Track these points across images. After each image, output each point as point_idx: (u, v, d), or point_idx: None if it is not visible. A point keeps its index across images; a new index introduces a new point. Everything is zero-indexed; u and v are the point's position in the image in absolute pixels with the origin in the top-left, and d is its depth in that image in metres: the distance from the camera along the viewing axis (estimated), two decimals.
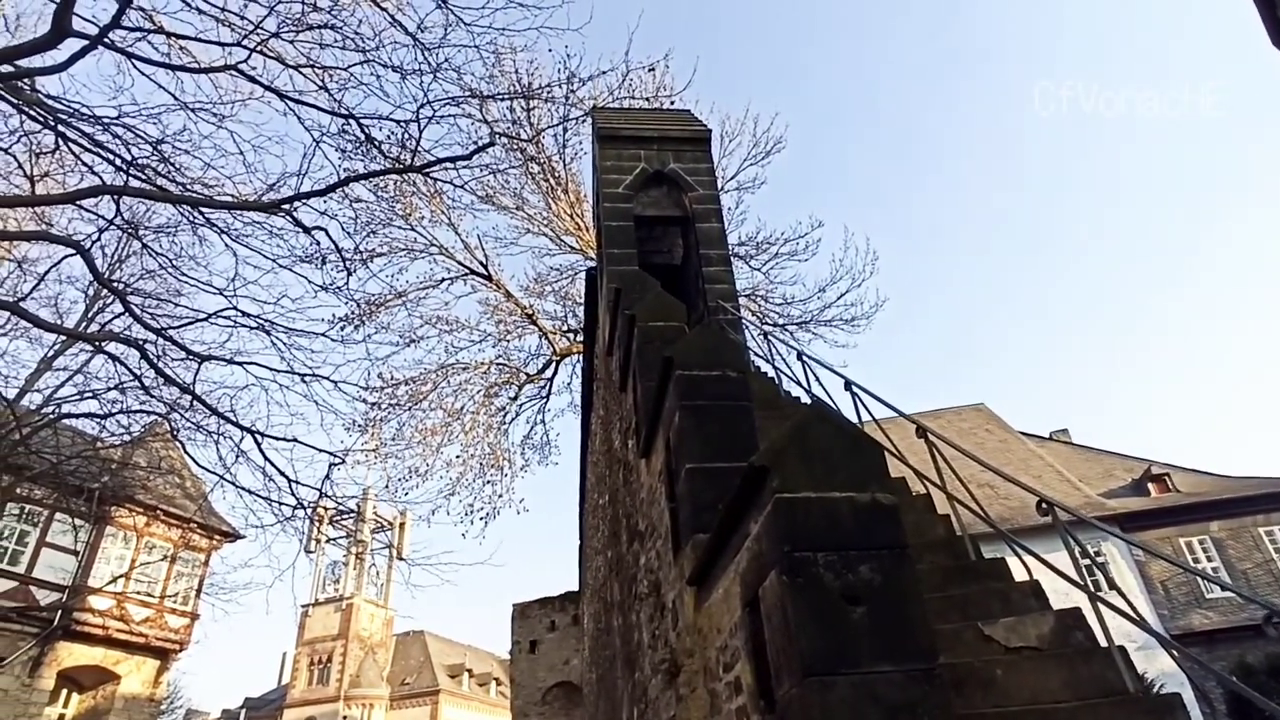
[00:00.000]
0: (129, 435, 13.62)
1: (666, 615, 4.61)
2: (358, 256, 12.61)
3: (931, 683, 2.33)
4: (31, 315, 9.05)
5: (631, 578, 6.65)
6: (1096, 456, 26.90)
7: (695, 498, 3.88)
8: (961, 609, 3.93)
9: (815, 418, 2.82)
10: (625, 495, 7.10)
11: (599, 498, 11.35)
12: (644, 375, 5.49)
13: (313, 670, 51.35)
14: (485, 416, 19.72)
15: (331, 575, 53.79)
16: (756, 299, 20.07)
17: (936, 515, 5.33)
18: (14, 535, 20.08)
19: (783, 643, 2.46)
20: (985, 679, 3.36)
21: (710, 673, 3.50)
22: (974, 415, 28.19)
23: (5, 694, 19.30)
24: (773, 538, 2.56)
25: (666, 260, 10.72)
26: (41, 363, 14.78)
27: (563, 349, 19.85)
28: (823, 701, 2.22)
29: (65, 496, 16.54)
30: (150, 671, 23.17)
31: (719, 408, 4.19)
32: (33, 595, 19.87)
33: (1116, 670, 3.48)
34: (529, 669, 27.08)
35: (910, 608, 2.43)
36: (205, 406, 9.55)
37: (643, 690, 6.09)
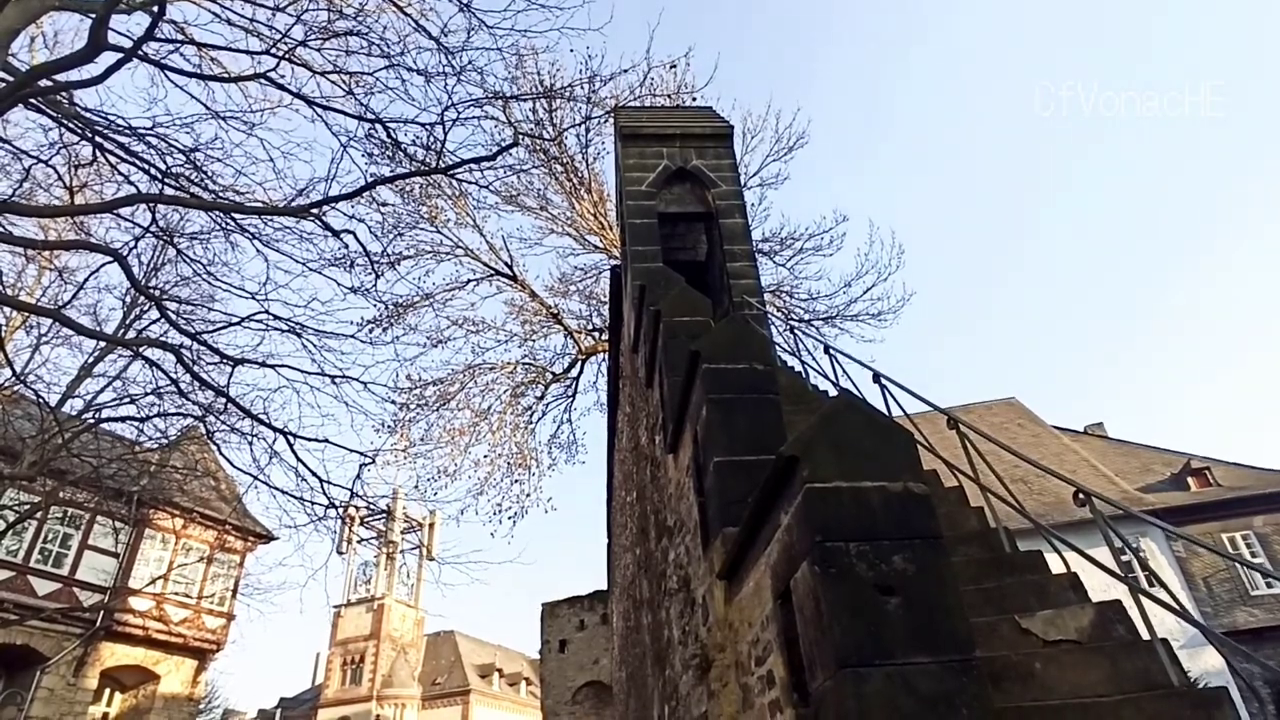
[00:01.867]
0: (166, 439, 13.92)
1: (696, 610, 4.59)
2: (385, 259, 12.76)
3: (969, 674, 2.29)
4: (73, 322, 9.26)
5: (660, 574, 6.64)
6: (1134, 451, 26.31)
7: (724, 491, 3.85)
8: (997, 602, 3.86)
9: (845, 407, 2.79)
10: (653, 491, 7.09)
11: (626, 495, 11.35)
12: (670, 370, 5.48)
13: (345, 670, 52.02)
14: (512, 416, 19.84)
15: (363, 576, 54.45)
16: (781, 294, 19.97)
17: (969, 508, 5.25)
18: (57, 538, 20.60)
19: (815, 635, 2.43)
20: (1024, 672, 3.29)
21: (742, 667, 3.47)
22: (1005, 410, 27.73)
23: (52, 693, 19.79)
24: (804, 528, 2.53)
25: (690, 257, 10.69)
26: (82, 369, 15.12)
27: (588, 348, 19.89)
28: (857, 693, 2.19)
29: (105, 500, 16.94)
30: (189, 671, 23.64)
31: (746, 401, 4.16)
32: (76, 596, 20.37)
33: (1160, 664, 3.39)
34: (559, 668, 27.18)
35: (946, 598, 2.39)
36: (239, 409, 9.71)
37: (673, 687, 6.07)
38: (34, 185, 10.44)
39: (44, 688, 19.68)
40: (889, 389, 5.94)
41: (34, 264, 14.92)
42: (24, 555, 19.63)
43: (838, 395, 3.09)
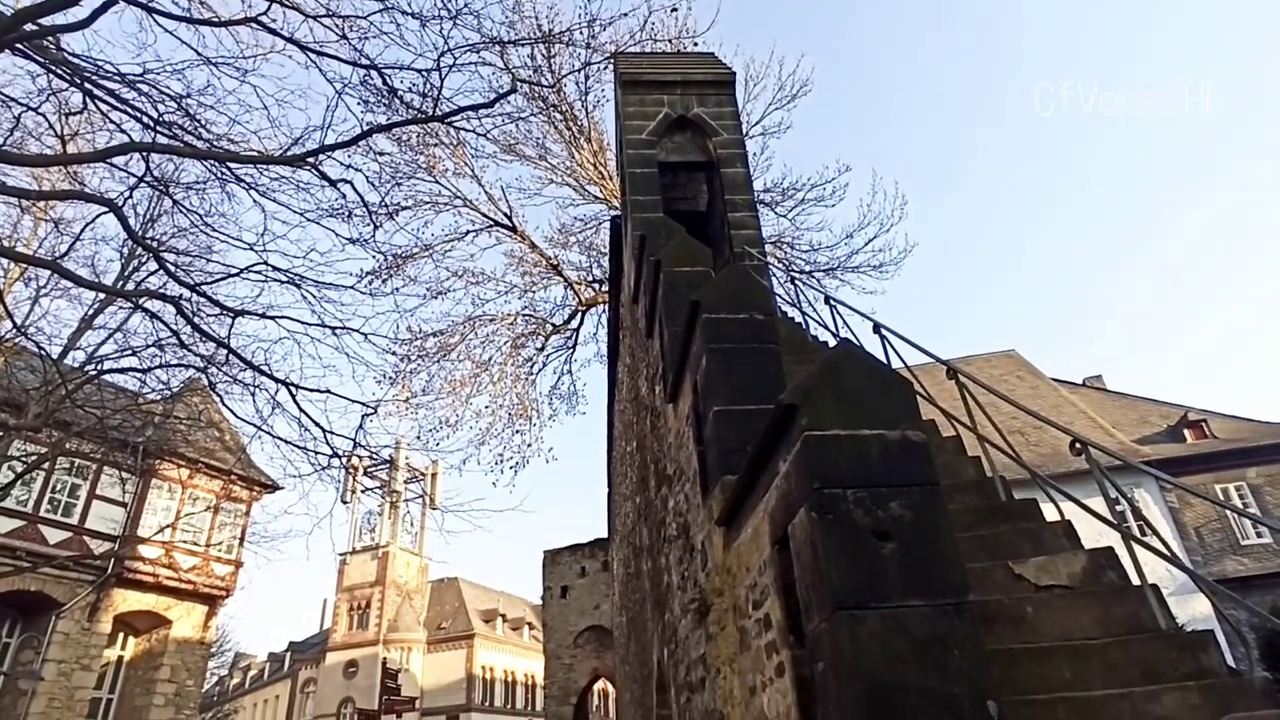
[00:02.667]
0: (169, 390, 13.97)
1: (695, 556, 4.67)
2: (383, 209, 12.63)
3: (962, 617, 2.33)
4: (71, 273, 9.22)
5: (660, 522, 6.74)
6: (1131, 403, 26.45)
7: (723, 440, 3.89)
8: (991, 549, 3.93)
9: (845, 356, 2.79)
10: (653, 441, 7.15)
11: (626, 445, 11.45)
12: (670, 320, 5.47)
13: (352, 615, 53.29)
14: (513, 367, 19.90)
15: (367, 524, 55.38)
16: (782, 246, 19.83)
17: (967, 458, 5.30)
18: (66, 488, 20.89)
19: (812, 578, 2.48)
20: (1015, 616, 3.37)
21: (739, 610, 3.55)
22: (1005, 362, 27.79)
23: (67, 638, 20.31)
24: (802, 475, 2.56)
25: (691, 207, 10.58)
26: (82, 321, 15.11)
27: (588, 299, 19.84)
28: (852, 634, 2.24)
29: (111, 451, 17.10)
30: (199, 616, 24.22)
31: (746, 350, 4.17)
32: (86, 545, 20.74)
33: (1149, 608, 3.47)
34: (560, 614, 27.82)
35: (941, 543, 2.43)
36: (240, 360, 9.73)
37: (673, 630, 6.22)
38: (25, 134, 10.27)
39: (59, 632, 20.20)
40: (889, 340, 5.95)
41: (29, 215, 14.78)
42: (33, 505, 19.94)
43: (838, 344, 3.09)
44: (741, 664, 3.54)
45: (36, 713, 19.25)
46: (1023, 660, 3.07)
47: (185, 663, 23.64)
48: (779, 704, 2.91)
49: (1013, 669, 2.97)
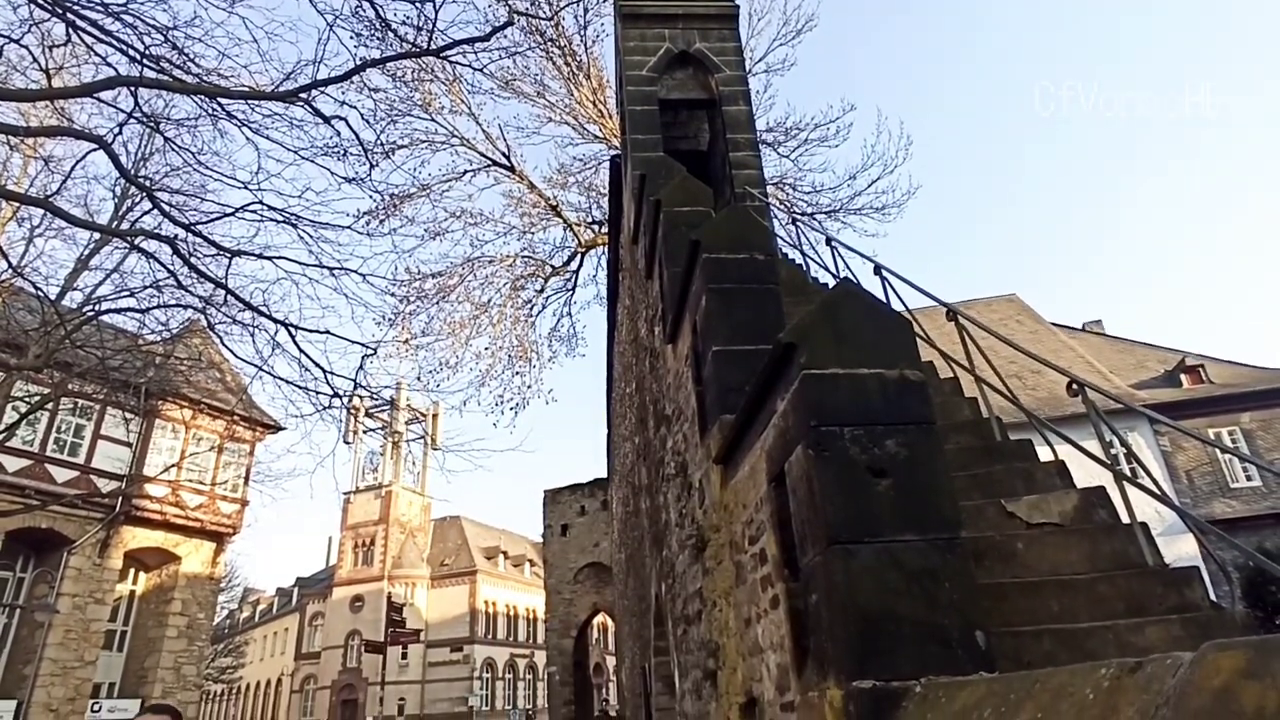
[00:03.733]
0: (168, 331, 13.97)
1: (693, 494, 4.75)
2: (379, 148, 12.37)
3: (953, 551, 2.38)
4: (63, 212, 9.11)
5: (659, 461, 6.83)
6: (1130, 348, 26.50)
7: (722, 380, 3.90)
8: (985, 487, 3.99)
9: (845, 295, 2.78)
10: (652, 382, 7.18)
11: (626, 386, 11.52)
12: (670, 261, 5.43)
13: (357, 552, 54.49)
14: (512, 309, 19.85)
15: (370, 464, 56.15)
16: (784, 187, 19.56)
17: (964, 399, 5.34)
18: (71, 429, 21.10)
19: (808, 514, 2.52)
20: (1006, 552, 3.44)
21: (736, 546, 3.62)
22: (1005, 306, 27.73)
23: (80, 573, 20.81)
24: (800, 413, 2.57)
25: (692, 146, 10.39)
26: (78, 262, 15.01)
27: (587, 241, 19.66)
28: (846, 567, 2.29)
29: (114, 391, 17.20)
30: (208, 553, 24.76)
31: (746, 291, 4.15)
32: (93, 483, 21.05)
33: (1137, 545, 3.54)
34: (561, 551, 28.47)
35: (935, 480, 2.46)
36: (239, 300, 9.70)
37: (670, 566, 6.37)
38: (9, 69, 10.02)
39: (72, 568, 20.68)
40: (890, 281, 5.92)
41: (18, 153, 14.52)
42: (39, 444, 20.17)
43: (838, 284, 3.08)
44: (737, 597, 3.63)
45: (54, 644, 19.86)
46: (1012, 594, 3.15)
47: (196, 597, 24.27)
48: (773, 634, 3.00)
49: (1002, 602, 3.05)
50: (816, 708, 2.43)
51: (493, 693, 54.93)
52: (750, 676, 3.44)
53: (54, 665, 19.88)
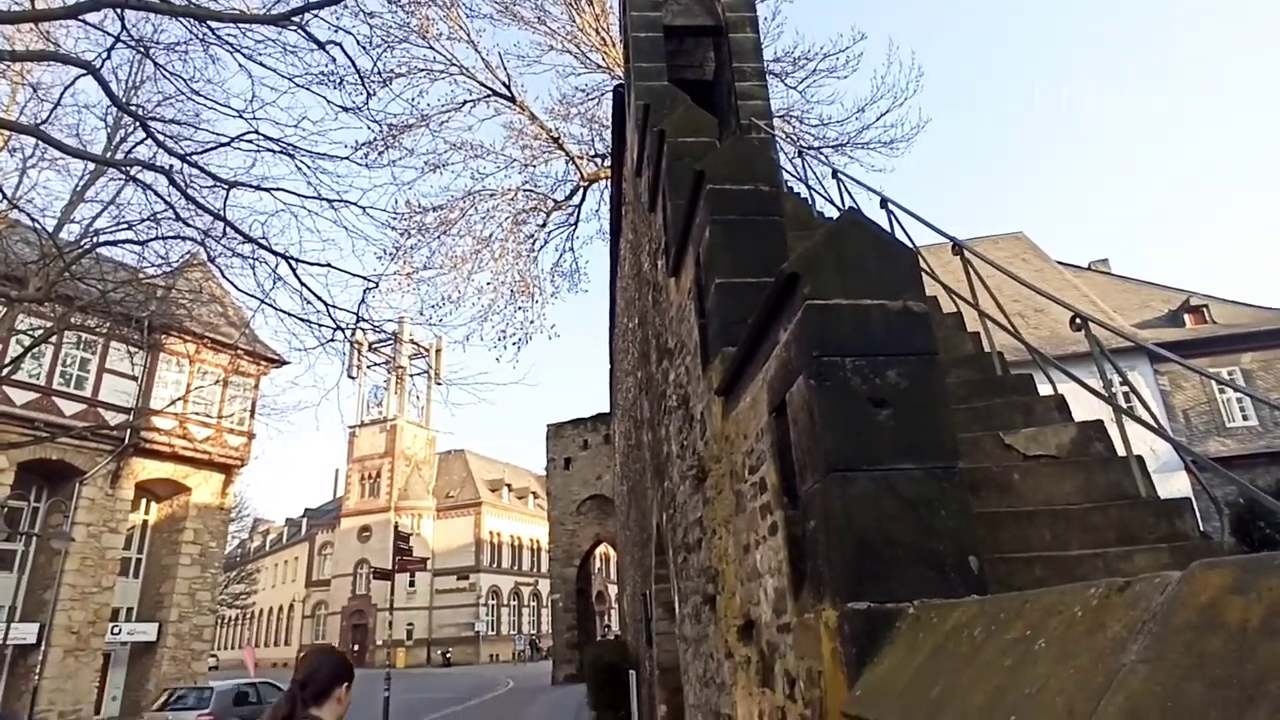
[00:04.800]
0: (168, 265, 13.91)
1: (694, 426, 4.80)
2: (376, 77, 12.07)
3: (950, 480, 2.42)
4: (54, 140, 8.95)
5: (661, 394, 6.88)
6: (1134, 288, 26.34)
7: (724, 312, 3.90)
8: (984, 420, 4.02)
9: (850, 225, 2.75)
10: (654, 316, 7.18)
11: (628, 321, 11.52)
12: (674, 193, 5.36)
13: (364, 484, 55.57)
14: (514, 244, 19.70)
15: (374, 399, 56.77)
16: (791, 120, 19.11)
17: (966, 333, 5.34)
18: (76, 362, 21.23)
19: (807, 443, 2.55)
20: (1002, 482, 3.50)
21: (736, 475, 3.68)
22: (1011, 244, 27.43)
23: (93, 503, 21.28)
24: (802, 344, 2.58)
25: (698, 76, 10.12)
26: (74, 194, 14.83)
27: (590, 175, 19.35)
28: (844, 494, 2.33)
29: (116, 325, 17.23)
30: (217, 484, 25.23)
31: (750, 222, 4.10)
32: (101, 416, 21.31)
33: (1132, 478, 3.59)
34: (564, 483, 29.00)
35: (935, 411, 2.48)
36: (238, 233, 9.63)
37: (671, 497, 6.49)
38: None
39: (85, 498, 21.13)
40: (896, 215, 5.85)
41: (5, 79, 14.17)
42: (46, 378, 20.32)
43: (844, 214, 3.04)
44: (737, 524, 3.71)
45: (71, 570, 20.43)
46: (1006, 522, 3.22)
47: (207, 526, 24.86)
48: (771, 560, 3.08)
49: (996, 530, 3.12)
50: (812, 628, 2.51)
51: (498, 618, 56.80)
52: (748, 600, 3.54)
53: (73, 590, 20.51)
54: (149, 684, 22.63)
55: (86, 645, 20.68)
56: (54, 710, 19.67)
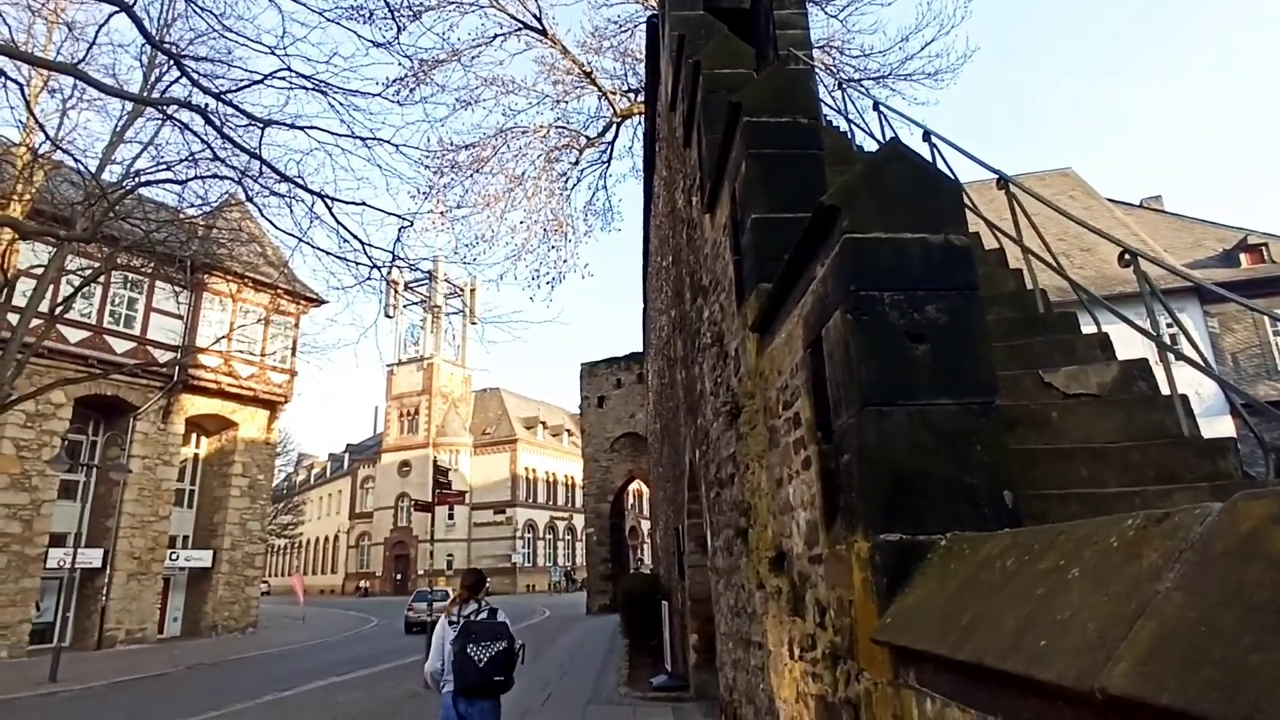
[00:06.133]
0: (208, 205, 14.11)
1: (729, 363, 4.81)
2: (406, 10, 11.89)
3: (987, 415, 2.39)
4: (93, 79, 9.02)
5: (695, 332, 6.88)
6: (1188, 226, 25.31)
7: (760, 249, 3.85)
8: (1024, 358, 3.96)
9: (892, 156, 2.67)
10: (689, 254, 7.12)
11: (662, 260, 11.44)
12: (709, 126, 5.24)
13: (403, 421, 56.98)
14: (547, 182, 19.52)
15: (411, 338, 57.72)
16: (831, 50, 18.41)
17: (1008, 270, 5.22)
18: (124, 302, 21.85)
19: (843, 377, 2.54)
20: (1040, 420, 3.46)
21: (770, 411, 3.70)
22: (1059, 180, 26.43)
23: (146, 437, 22.21)
24: (839, 278, 2.54)
25: (734, 4, 9.75)
26: (114, 135, 15.01)
27: (623, 110, 18.96)
28: (879, 428, 2.33)
29: (161, 264, 17.63)
30: (262, 420, 26.10)
31: (788, 156, 4.01)
32: (150, 354, 22.02)
33: (1174, 417, 3.52)
34: (598, 421, 29.41)
35: (973, 346, 2.44)
36: (274, 172, 9.68)
37: (704, 434, 6.55)
38: None
39: (139, 432, 22.04)
40: (939, 149, 5.66)
41: (40, 19, 14.22)
42: (96, 316, 20.99)
43: (885, 144, 2.95)
44: (770, 459, 3.74)
45: (130, 500, 21.48)
46: (1042, 460, 3.19)
47: (255, 460, 25.83)
48: (804, 493, 3.11)
49: (1032, 467, 3.10)
50: (844, 559, 2.55)
51: (534, 551, 58.53)
52: (780, 533, 3.60)
53: (132, 519, 21.60)
54: (206, 606, 23.97)
55: (147, 570, 21.88)
56: (121, 628, 20.98)
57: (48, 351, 18.12)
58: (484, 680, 4.61)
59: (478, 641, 4.64)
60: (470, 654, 4.61)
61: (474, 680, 4.59)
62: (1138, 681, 1.04)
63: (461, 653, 4.63)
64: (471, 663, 4.59)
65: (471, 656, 4.61)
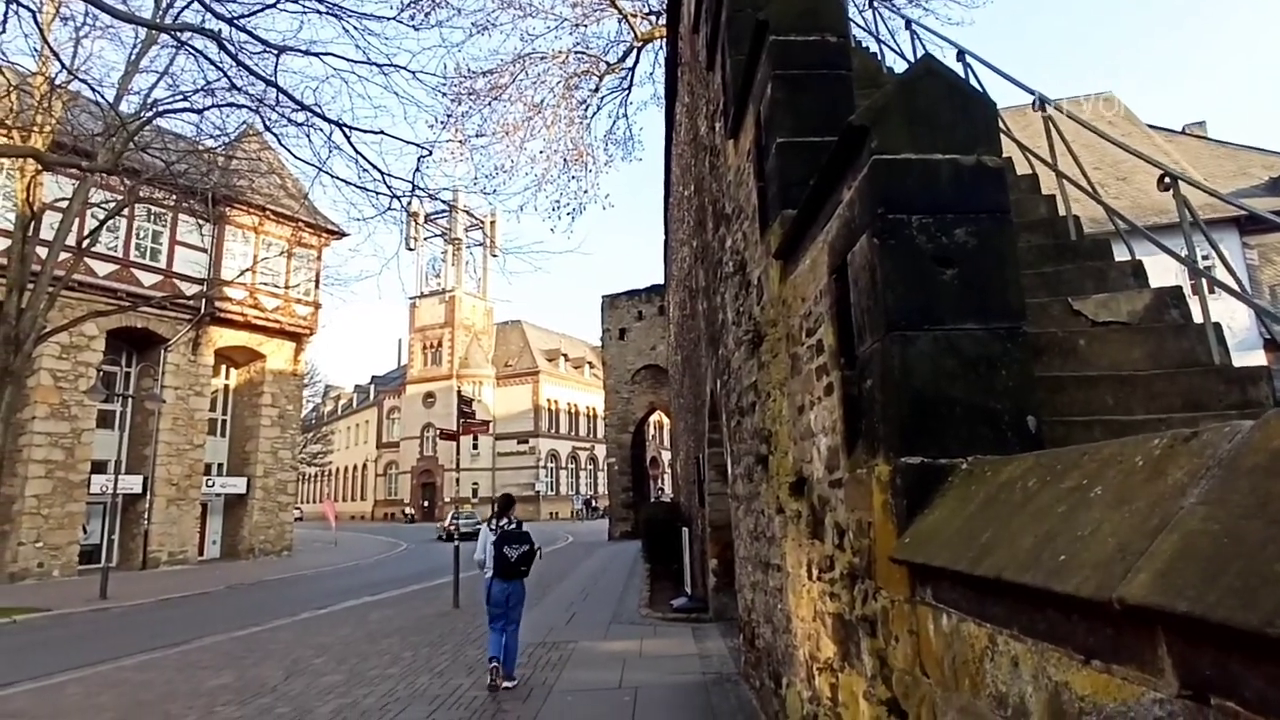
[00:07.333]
0: (226, 136, 14.05)
1: (751, 291, 4.78)
2: None
3: (1014, 341, 2.37)
4: (104, 3, 8.89)
5: (717, 262, 6.82)
6: (1232, 153, 24.28)
7: (785, 174, 3.77)
8: (1053, 286, 3.89)
9: (925, 73, 2.57)
10: (711, 182, 6.99)
11: (684, 190, 11.26)
12: (734, 47, 5.07)
13: (426, 354, 57.68)
14: (566, 110, 19.13)
15: (433, 270, 57.87)
16: None
17: (1040, 196, 5.07)
18: (149, 235, 22.03)
19: (868, 303, 2.52)
20: (1067, 348, 3.42)
21: (793, 339, 3.69)
22: (1099, 105, 25.29)
23: (177, 368, 22.73)
24: (867, 201, 2.49)
25: None
26: (129, 64, 14.85)
27: (644, 34, 18.36)
28: (903, 353, 2.31)
29: (183, 196, 17.68)
30: (289, 352, 26.54)
31: (815, 77, 3.88)
32: (177, 286, 22.32)
33: (1206, 345, 3.46)
34: (619, 353, 29.56)
35: (1003, 270, 2.40)
36: (290, 99, 9.59)
37: (725, 364, 6.56)
38: None
39: (170, 364, 22.55)
40: (973, 69, 5.45)
41: None
42: (123, 250, 21.21)
43: (918, 61, 2.83)
44: (791, 387, 3.75)
45: (165, 429, 22.13)
46: (1068, 387, 3.17)
47: (283, 390, 26.40)
48: (825, 419, 3.13)
49: (1057, 394, 3.08)
50: (864, 483, 2.58)
51: (557, 480, 59.81)
52: (801, 459, 3.64)
53: (168, 448, 22.30)
54: (243, 530, 24.94)
55: (185, 496, 22.71)
56: (164, 550, 21.95)
57: (78, 284, 18.43)
58: (513, 569, 6.83)
59: (509, 544, 6.79)
60: (505, 552, 6.74)
61: (507, 569, 6.79)
62: (1157, 591, 1.06)
63: (499, 552, 6.74)
64: (505, 558, 6.74)
65: (506, 554, 6.74)
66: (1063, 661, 1.37)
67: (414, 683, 7.11)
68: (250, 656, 8.80)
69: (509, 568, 6.76)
